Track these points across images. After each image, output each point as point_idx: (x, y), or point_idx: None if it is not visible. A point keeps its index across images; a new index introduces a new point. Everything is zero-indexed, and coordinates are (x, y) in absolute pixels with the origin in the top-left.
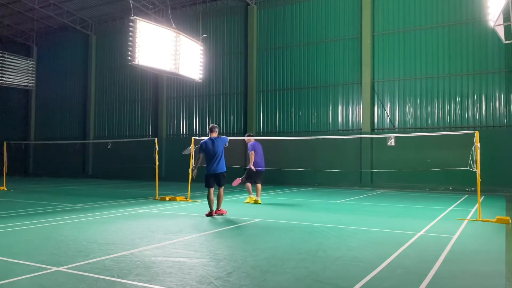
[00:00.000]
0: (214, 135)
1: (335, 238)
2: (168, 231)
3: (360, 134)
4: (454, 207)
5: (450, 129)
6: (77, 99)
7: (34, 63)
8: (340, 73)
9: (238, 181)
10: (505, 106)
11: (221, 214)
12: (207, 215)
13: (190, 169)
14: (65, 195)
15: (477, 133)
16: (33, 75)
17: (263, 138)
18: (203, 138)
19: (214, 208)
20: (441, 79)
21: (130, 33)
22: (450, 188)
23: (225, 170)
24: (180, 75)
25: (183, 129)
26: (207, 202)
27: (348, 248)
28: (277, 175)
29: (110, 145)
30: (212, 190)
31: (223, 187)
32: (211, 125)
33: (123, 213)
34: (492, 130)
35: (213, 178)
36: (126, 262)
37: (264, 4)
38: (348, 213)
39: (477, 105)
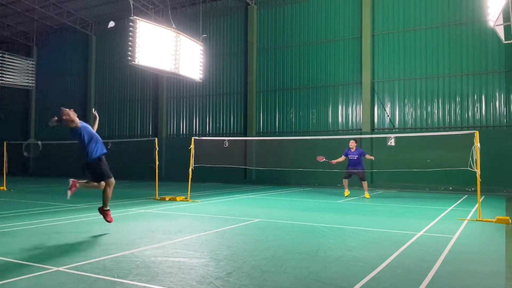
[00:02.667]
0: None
1: (335, 238)
2: (168, 231)
3: (360, 134)
4: (454, 207)
5: (450, 129)
6: (77, 99)
7: (34, 63)
8: (340, 73)
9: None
10: (505, 106)
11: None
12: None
13: (190, 169)
14: (65, 195)
15: (477, 133)
16: (33, 75)
17: (263, 138)
18: (203, 138)
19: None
20: (441, 79)
21: (130, 33)
22: (450, 188)
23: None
24: (180, 75)
25: (183, 129)
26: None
27: (348, 248)
28: (277, 175)
29: (110, 145)
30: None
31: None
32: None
33: (123, 213)
34: (492, 130)
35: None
36: (126, 262)
37: (264, 4)
38: (348, 213)
39: (477, 105)
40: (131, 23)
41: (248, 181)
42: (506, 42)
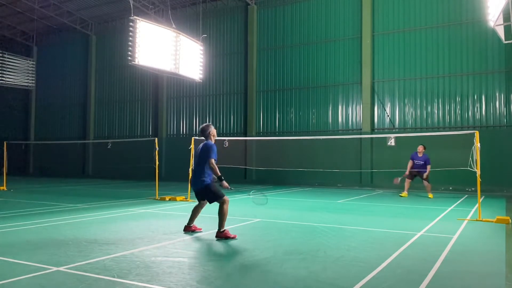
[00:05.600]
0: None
1: (335, 238)
2: (168, 231)
3: (360, 134)
4: (454, 207)
5: (450, 129)
6: (77, 99)
7: (34, 63)
8: (340, 73)
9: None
10: (505, 106)
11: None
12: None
13: (190, 169)
14: (65, 195)
15: (477, 133)
16: (33, 75)
17: (263, 138)
18: (203, 138)
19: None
20: (441, 79)
21: (130, 33)
22: (450, 188)
23: (202, 186)
24: (180, 75)
25: (183, 129)
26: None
27: (348, 248)
28: (277, 175)
29: (110, 145)
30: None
31: (220, 203)
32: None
33: (123, 213)
34: (492, 130)
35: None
36: (126, 262)
37: (264, 4)
38: (348, 213)
39: (477, 105)
40: (131, 23)
41: (248, 181)
42: (506, 42)
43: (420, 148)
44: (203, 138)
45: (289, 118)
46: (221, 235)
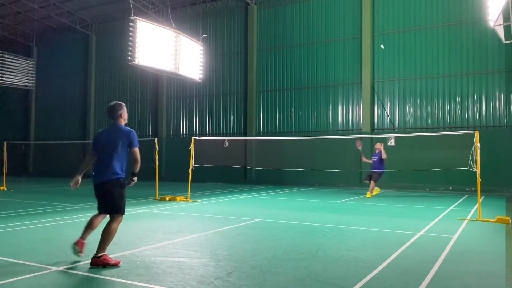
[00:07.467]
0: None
1: (335, 238)
2: (168, 231)
3: (360, 134)
4: (454, 207)
5: (450, 129)
6: (77, 99)
7: (34, 63)
8: (340, 73)
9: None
10: (505, 106)
11: (104, 264)
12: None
13: (190, 169)
14: (65, 195)
15: (477, 133)
16: (33, 75)
17: (263, 138)
18: (203, 138)
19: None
20: (441, 79)
21: (130, 33)
22: (450, 188)
23: (112, 178)
24: (180, 75)
25: (183, 129)
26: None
27: (348, 248)
28: (277, 175)
29: None
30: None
31: (116, 216)
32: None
33: None
34: (492, 130)
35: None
36: (126, 262)
37: (264, 4)
38: (348, 213)
39: (477, 105)
40: (131, 23)
41: (248, 181)
42: (506, 42)
43: (377, 146)
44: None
45: (289, 118)
46: (98, 262)
